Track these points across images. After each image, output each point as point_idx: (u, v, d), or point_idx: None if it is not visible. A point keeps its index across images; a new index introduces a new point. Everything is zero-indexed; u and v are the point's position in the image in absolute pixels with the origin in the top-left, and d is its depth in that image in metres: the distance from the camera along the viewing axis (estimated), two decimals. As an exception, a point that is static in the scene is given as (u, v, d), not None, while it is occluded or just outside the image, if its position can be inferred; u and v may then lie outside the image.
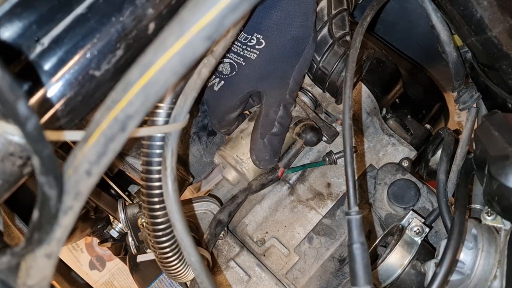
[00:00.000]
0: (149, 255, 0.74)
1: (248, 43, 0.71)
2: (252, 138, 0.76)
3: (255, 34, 0.71)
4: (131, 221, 0.73)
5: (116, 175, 0.86)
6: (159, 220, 0.54)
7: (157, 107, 0.52)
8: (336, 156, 0.81)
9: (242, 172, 0.78)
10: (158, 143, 0.51)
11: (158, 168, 0.51)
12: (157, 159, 0.51)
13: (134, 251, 0.74)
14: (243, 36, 0.71)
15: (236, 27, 0.58)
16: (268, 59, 0.72)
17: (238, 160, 0.77)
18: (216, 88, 0.75)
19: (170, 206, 0.50)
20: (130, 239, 0.73)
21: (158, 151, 0.51)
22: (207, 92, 0.77)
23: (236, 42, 0.72)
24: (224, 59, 0.73)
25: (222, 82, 0.74)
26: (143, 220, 0.71)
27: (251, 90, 0.74)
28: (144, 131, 0.49)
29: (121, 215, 0.73)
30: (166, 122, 0.51)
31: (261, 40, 0.71)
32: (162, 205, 0.53)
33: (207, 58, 0.53)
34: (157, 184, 0.52)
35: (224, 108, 0.77)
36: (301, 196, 0.83)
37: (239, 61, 0.73)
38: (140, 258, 0.74)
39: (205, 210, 0.80)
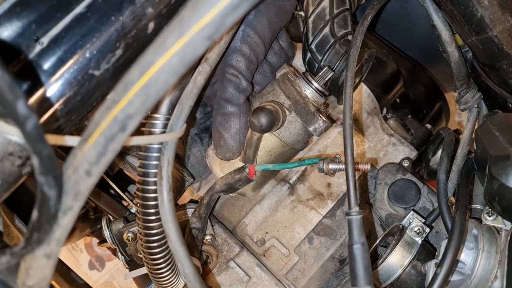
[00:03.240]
0: (138, 271, 0.73)
1: None
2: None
3: None
4: (117, 237, 0.72)
5: (115, 175, 0.86)
6: (153, 232, 0.54)
7: (154, 117, 0.52)
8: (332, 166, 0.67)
9: (209, 166, 0.74)
10: (155, 154, 0.50)
11: (154, 179, 0.51)
12: (153, 171, 0.51)
13: (125, 265, 0.74)
14: None
15: (229, 33, 0.57)
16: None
17: (208, 154, 0.74)
18: None
19: (165, 216, 0.50)
20: (119, 254, 0.73)
21: (154, 162, 0.51)
22: None
23: None
24: None
25: None
26: (129, 235, 0.71)
27: None
28: (141, 140, 0.49)
29: (106, 232, 0.72)
30: (163, 132, 0.51)
31: None
32: (157, 216, 0.53)
33: (201, 66, 0.53)
34: (153, 195, 0.52)
35: None
36: (301, 196, 0.82)
37: None
38: (129, 275, 0.73)
39: (188, 217, 0.78)
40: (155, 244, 0.55)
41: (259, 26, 0.65)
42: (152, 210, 0.53)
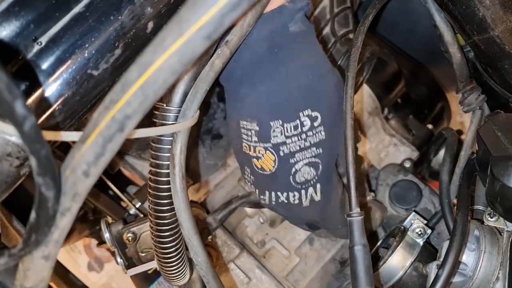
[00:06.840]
0: (139, 268, 0.72)
1: (312, 129, 0.58)
2: None
3: (309, 114, 0.58)
4: (117, 239, 0.72)
5: (114, 175, 0.85)
6: (164, 215, 0.53)
7: (168, 104, 0.50)
8: None
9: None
10: (168, 138, 0.50)
11: (167, 163, 0.50)
12: (166, 154, 0.50)
13: (124, 270, 0.73)
14: (298, 129, 0.57)
15: (254, 16, 0.51)
16: (330, 124, 0.60)
17: None
18: (317, 198, 0.61)
19: (178, 205, 0.50)
20: (118, 258, 0.72)
21: (167, 146, 0.50)
22: (304, 209, 0.62)
23: (299, 142, 0.58)
24: (301, 168, 0.59)
25: (318, 185, 0.61)
26: (129, 235, 0.71)
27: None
28: (153, 131, 0.48)
29: (106, 234, 0.72)
30: (176, 116, 0.50)
31: (316, 115, 0.58)
32: (169, 200, 0.52)
33: (221, 49, 0.50)
34: (165, 179, 0.51)
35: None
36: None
37: (318, 153, 0.59)
38: (131, 272, 0.73)
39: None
40: (167, 233, 0.54)
41: None
42: (165, 194, 0.52)
